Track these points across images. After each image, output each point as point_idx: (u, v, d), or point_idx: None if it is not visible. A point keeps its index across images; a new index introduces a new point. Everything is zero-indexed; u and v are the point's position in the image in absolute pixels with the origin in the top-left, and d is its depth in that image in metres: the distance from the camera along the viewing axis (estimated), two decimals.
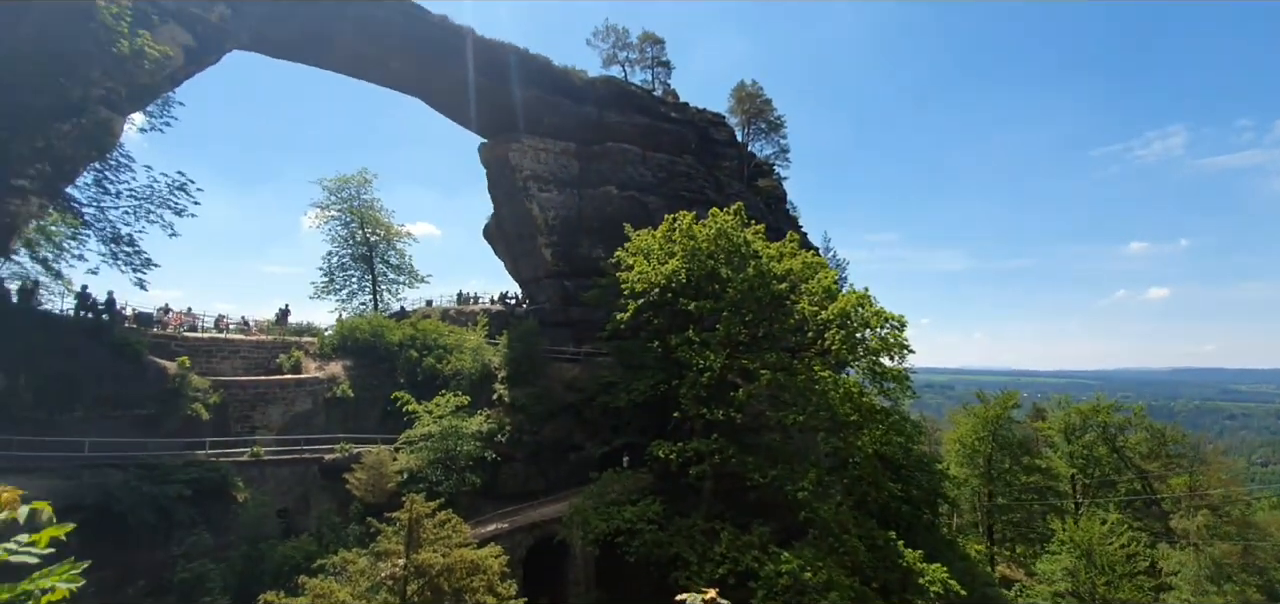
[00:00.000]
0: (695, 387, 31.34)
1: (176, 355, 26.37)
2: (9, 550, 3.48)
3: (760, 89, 67.91)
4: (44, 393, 21.71)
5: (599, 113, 48.75)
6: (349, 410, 30.28)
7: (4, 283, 25.32)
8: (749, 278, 33.22)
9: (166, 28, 29.90)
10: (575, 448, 34.05)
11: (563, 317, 42.90)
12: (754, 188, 58.82)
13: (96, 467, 21.25)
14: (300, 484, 26.41)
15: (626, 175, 47.67)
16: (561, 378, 36.37)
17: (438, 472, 27.37)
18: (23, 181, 24.26)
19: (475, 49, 43.25)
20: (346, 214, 44.69)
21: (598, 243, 44.35)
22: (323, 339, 32.99)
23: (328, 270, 44.69)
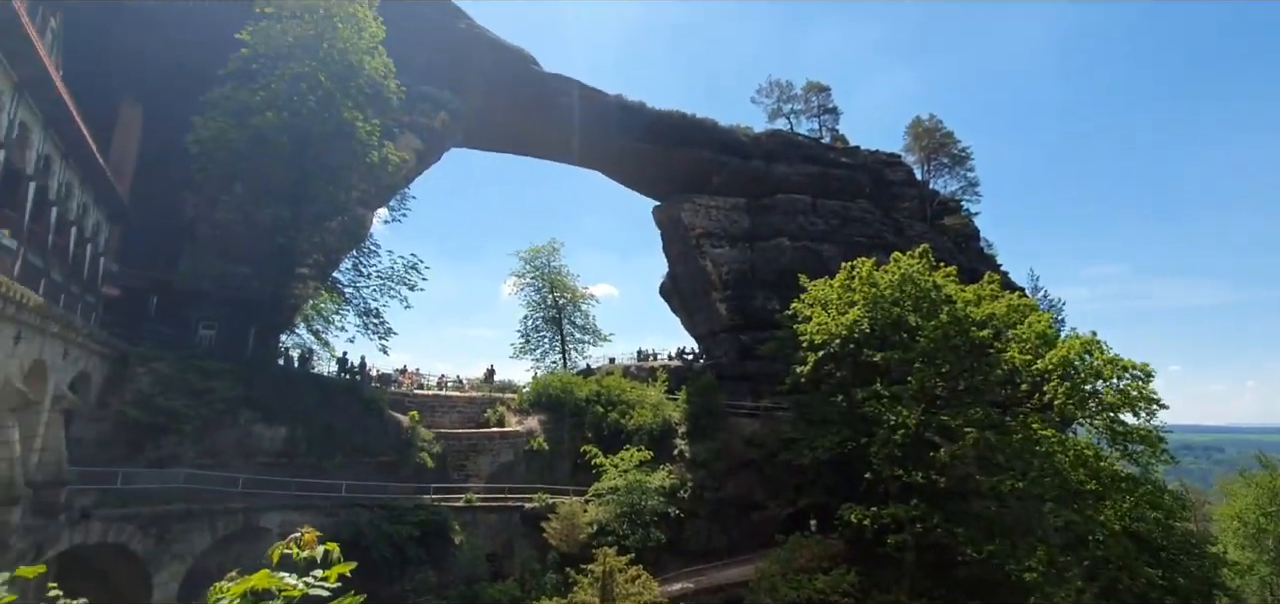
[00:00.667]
0: (887, 445, 29.02)
1: (408, 410, 30.61)
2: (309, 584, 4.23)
3: (939, 122, 63.45)
4: (314, 441, 26.30)
5: (766, 166, 48.90)
6: (544, 462, 32.55)
7: (288, 351, 31.49)
8: (942, 325, 30.44)
9: (403, 137, 35.84)
10: (757, 506, 33.05)
11: (740, 370, 42.57)
12: (939, 227, 54.37)
13: (350, 506, 25.05)
14: (505, 530, 28.72)
15: (798, 226, 46.88)
16: (741, 433, 35.84)
17: (625, 525, 28.12)
18: (304, 269, 30.28)
19: (647, 120, 46.11)
20: (539, 280, 49.32)
21: (772, 295, 43.77)
22: (521, 395, 36.18)
23: (524, 332, 49.48)
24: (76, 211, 20.65)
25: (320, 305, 33.14)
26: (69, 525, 17.80)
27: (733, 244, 46.37)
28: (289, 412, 26.18)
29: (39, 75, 14.58)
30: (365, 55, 28.78)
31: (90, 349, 20.92)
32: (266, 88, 26.38)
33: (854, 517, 27.95)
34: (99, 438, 21.41)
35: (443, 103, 38.99)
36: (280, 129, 26.28)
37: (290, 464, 25.51)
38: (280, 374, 28.52)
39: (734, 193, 47.72)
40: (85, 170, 20.77)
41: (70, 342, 19.03)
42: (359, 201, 32.02)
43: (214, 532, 21.03)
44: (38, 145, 16.74)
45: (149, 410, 21.78)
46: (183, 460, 22.02)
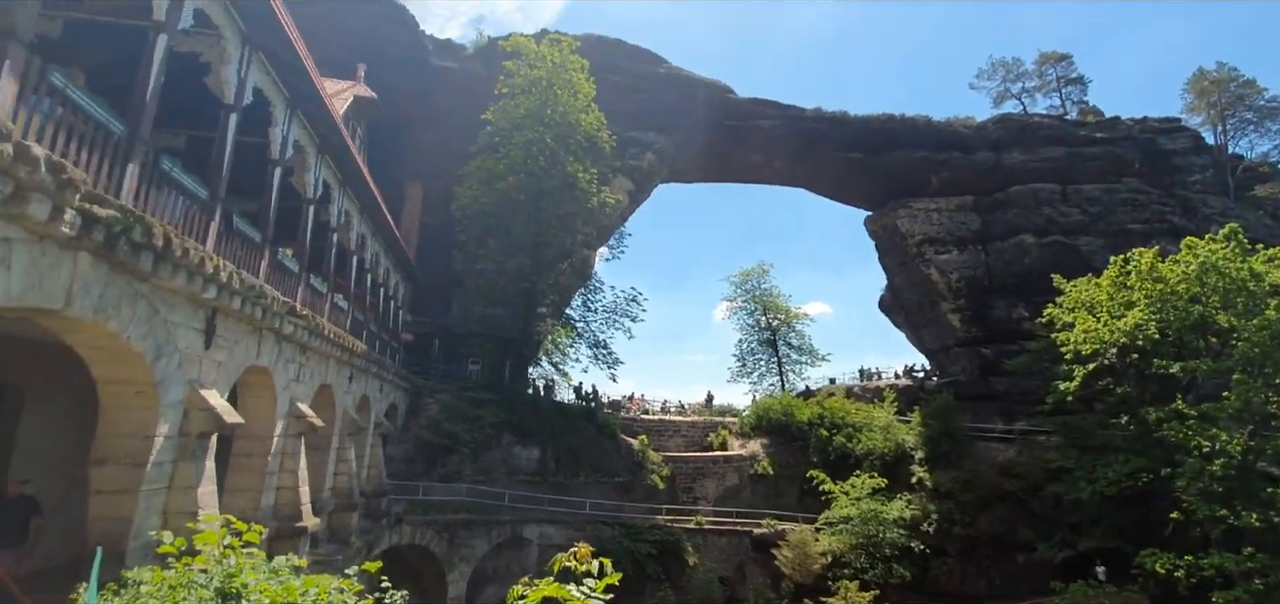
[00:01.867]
0: (1200, 477, 23.38)
1: (637, 434, 32.49)
2: (585, 594, 4.61)
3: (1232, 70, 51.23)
4: (561, 461, 29.14)
5: (996, 157, 43.48)
6: (769, 486, 32.06)
7: (535, 381, 35.48)
8: (1270, 323, 23.84)
9: (616, 180, 38.74)
10: (1022, 548, 28.72)
11: (983, 389, 37.89)
12: (1248, 200, 43.42)
13: (594, 522, 27.13)
14: (735, 554, 28.76)
15: (1043, 219, 40.72)
16: (991, 460, 31.68)
17: (862, 558, 26.40)
18: (543, 308, 34.06)
19: (850, 129, 44.02)
20: (750, 303, 49.39)
21: (1016, 301, 38.52)
22: (742, 419, 36.27)
23: (739, 355, 49.75)
24: (383, 275, 25.67)
25: (557, 339, 36.96)
26: (389, 528, 21.83)
27: (961, 248, 41.75)
28: (539, 434, 29.35)
29: (355, 174, 18.47)
30: (581, 114, 31.93)
31: (397, 384, 25.73)
32: (506, 156, 30.59)
33: (1159, 566, 22.84)
34: (404, 456, 26.12)
35: (649, 144, 41.45)
36: (519, 189, 30.23)
37: (543, 481, 28.49)
38: (530, 401, 32.21)
39: (958, 192, 43.11)
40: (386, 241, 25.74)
41: (384, 379, 23.60)
42: (583, 244, 35.26)
43: (489, 539, 24.31)
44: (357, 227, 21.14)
45: (438, 433, 26.14)
46: (463, 476, 25.89)
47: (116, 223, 6.97)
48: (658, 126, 41.97)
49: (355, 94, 26.23)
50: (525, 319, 33.19)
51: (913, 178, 43.61)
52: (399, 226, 29.53)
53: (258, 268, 11.65)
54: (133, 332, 8.01)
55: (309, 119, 14.32)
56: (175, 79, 8.95)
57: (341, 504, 18.60)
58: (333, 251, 18.18)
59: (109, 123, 7.38)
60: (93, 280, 7.13)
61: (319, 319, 15.11)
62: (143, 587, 6.57)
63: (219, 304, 9.85)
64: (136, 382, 8.41)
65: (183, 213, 9.17)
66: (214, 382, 10.12)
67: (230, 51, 10.15)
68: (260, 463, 12.39)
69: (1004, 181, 42.53)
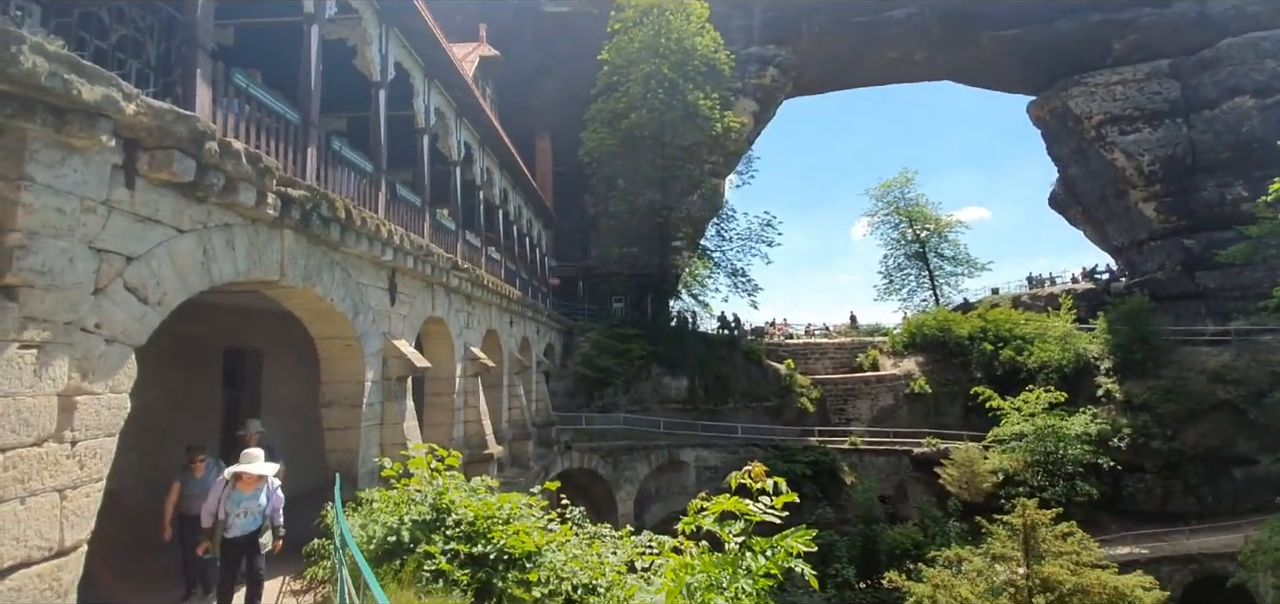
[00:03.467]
0: None
1: (782, 359, 32.13)
2: (762, 510, 4.61)
3: None
4: (709, 389, 29.77)
5: (1199, 6, 35.82)
6: (928, 405, 30.43)
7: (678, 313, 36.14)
8: None
9: (739, 103, 37.25)
10: (1241, 461, 24.94)
11: (1188, 286, 32.64)
12: None
13: (746, 445, 27.57)
14: (895, 474, 27.92)
15: (1266, 75, 33.39)
16: (1201, 366, 27.43)
17: (1039, 476, 24.39)
18: (678, 242, 34.26)
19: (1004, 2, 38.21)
20: (895, 216, 45.97)
21: (1232, 179, 32.42)
22: (893, 338, 34.42)
23: (886, 272, 46.81)
24: (526, 225, 27.11)
25: (695, 271, 37.16)
26: (560, 454, 23.78)
27: (1154, 124, 35.38)
28: (686, 364, 30.04)
29: (490, 132, 19.36)
30: (696, 37, 30.83)
31: (551, 326, 27.49)
32: (625, 93, 30.50)
33: None
34: (565, 390, 28.08)
35: (769, 58, 39.17)
36: (641, 126, 30.15)
37: (693, 408, 29.32)
38: (675, 333, 32.94)
39: (1147, 57, 36.26)
40: (526, 193, 27.01)
41: (540, 322, 25.25)
42: (712, 173, 34.64)
43: (649, 462, 25.78)
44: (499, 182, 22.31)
45: (592, 368, 27.82)
46: (619, 407, 27.43)
47: (308, 201, 7.95)
48: (777, 38, 39.43)
49: (480, 55, 27.39)
50: (661, 254, 33.59)
51: (1087, 47, 37.23)
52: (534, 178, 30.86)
53: (422, 229, 12.77)
54: (335, 294, 9.20)
55: (445, 86, 15.18)
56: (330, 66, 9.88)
57: (518, 434, 20.41)
58: (480, 208, 19.43)
59: (286, 113, 8.36)
60: (297, 252, 8.22)
61: (478, 271, 16.37)
62: (375, 504, 7.81)
63: (397, 265, 10.97)
64: (344, 336, 9.70)
65: (355, 187, 10.24)
66: (402, 332, 11.40)
67: (371, 31, 10.93)
68: (448, 400, 13.90)
69: (1212, 36, 35.11)
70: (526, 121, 35.96)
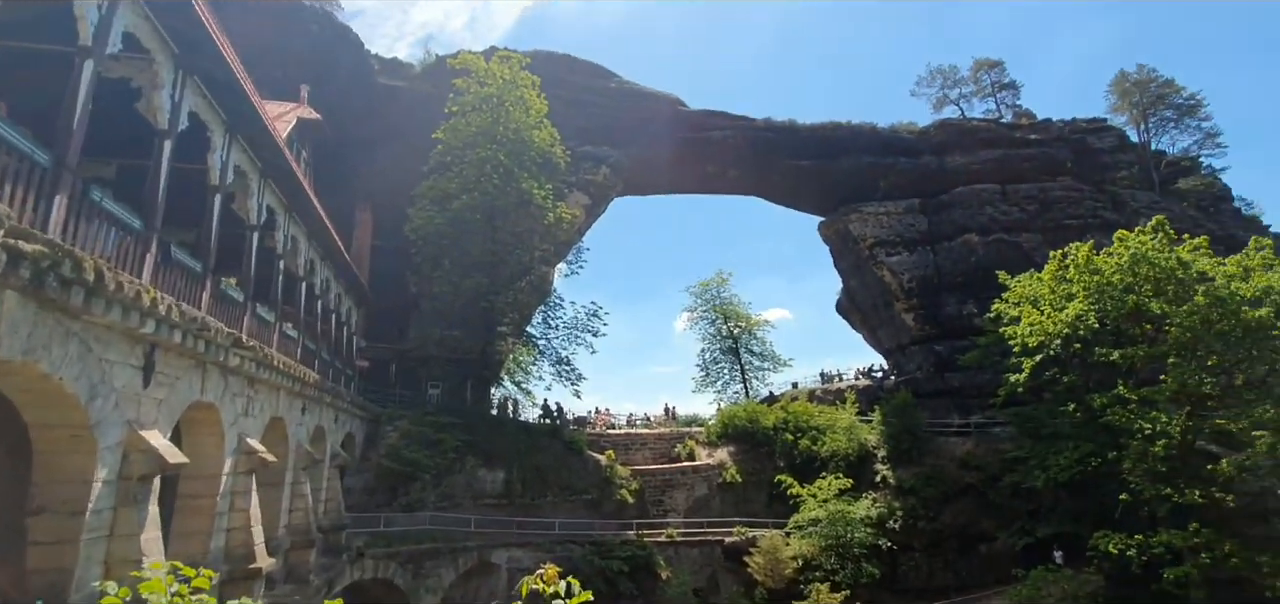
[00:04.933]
0: (1146, 459, 24.50)
1: (604, 449, 32.15)
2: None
3: (1151, 71, 54.51)
4: (527, 482, 28.60)
5: (939, 160, 45.26)
6: (738, 494, 32.16)
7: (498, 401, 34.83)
8: (1199, 308, 25.21)
9: (572, 195, 38.59)
10: (984, 538, 29.56)
11: (939, 385, 39.02)
12: (1173, 193, 46.23)
13: (563, 542, 26.64)
14: (708, 565, 28.68)
15: (986, 218, 42.46)
16: (951, 454, 32.56)
17: (832, 559, 26.70)
18: (503, 327, 33.52)
19: (800, 137, 45.09)
20: (711, 312, 49.69)
21: (966, 298, 39.89)
22: (708, 428, 36.33)
23: (703, 365, 49.92)
24: (334, 301, 24.78)
25: (519, 358, 36.40)
26: (349, 563, 20.91)
27: (911, 249, 43.11)
28: (505, 456, 28.75)
29: (300, 198, 17.84)
30: (533, 130, 31.71)
31: (353, 413, 24.80)
32: (458, 175, 30.13)
33: (1112, 546, 23.76)
34: (364, 487, 25.14)
35: (603, 158, 41.49)
36: (473, 208, 29.79)
37: (509, 503, 27.89)
38: (494, 422, 31.53)
39: (905, 195, 44.63)
40: (337, 266, 24.89)
41: (339, 409, 22.70)
42: (542, 260, 34.91)
43: (456, 567, 23.55)
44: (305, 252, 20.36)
45: (398, 461, 25.27)
46: (427, 504, 25.07)
47: (44, 258, 6.50)
48: (611, 140, 42.09)
49: (299, 116, 25.38)
50: (485, 339, 32.61)
51: (861, 183, 44.90)
52: (349, 251, 28.63)
53: (199, 299, 11.04)
54: (65, 372, 7.47)
55: (250, 142, 13.80)
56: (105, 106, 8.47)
57: (299, 541, 17.78)
58: (279, 279, 17.47)
59: (34, 153, 6.93)
60: (20, 320, 6.63)
61: (267, 349, 14.44)
62: None
63: (158, 339, 9.27)
64: (71, 424, 7.84)
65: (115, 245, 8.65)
66: (154, 421, 9.50)
67: (163, 76, 9.67)
68: (209, 504, 11.68)
69: (948, 183, 44.21)
70: (348, 191, 33.65)
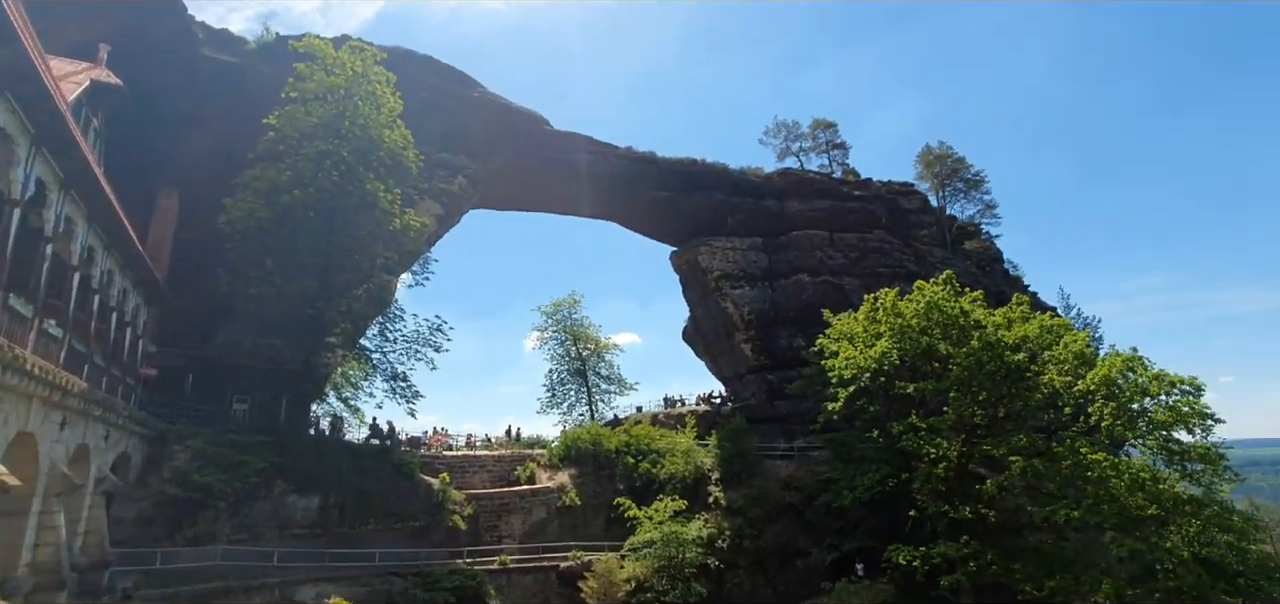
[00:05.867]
0: (930, 480, 28.05)
1: (438, 472, 30.46)
2: None
3: (949, 148, 63.55)
4: (347, 509, 26.24)
5: (780, 205, 49.22)
6: (577, 517, 31.99)
7: (319, 420, 31.78)
8: (974, 351, 29.58)
9: (423, 203, 36.74)
10: (800, 554, 31.93)
11: (769, 412, 41.87)
12: (960, 253, 53.85)
13: (384, 575, 24.73)
14: (541, 591, 28.09)
15: (817, 261, 46.74)
16: (776, 477, 34.96)
17: (664, 580, 27.32)
18: (333, 338, 30.77)
19: (660, 170, 46.85)
20: (561, 334, 49.54)
21: (797, 332, 43.34)
22: (551, 450, 35.88)
23: (550, 386, 49.50)
24: (117, 297, 21.26)
25: (349, 372, 33.60)
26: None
27: (752, 284, 46.23)
28: (322, 480, 26.23)
29: (83, 172, 15.23)
30: (384, 129, 29.79)
31: (130, 430, 21.26)
32: (293, 167, 27.36)
33: (902, 558, 26.84)
34: (139, 517, 21.55)
35: (459, 167, 40.09)
36: (307, 205, 27.17)
37: (324, 534, 25.42)
38: (312, 443, 28.69)
39: (750, 233, 47.90)
40: (125, 257, 21.45)
41: (112, 424, 19.36)
42: (383, 268, 32.70)
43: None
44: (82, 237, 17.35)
45: (186, 487, 21.96)
46: (219, 536, 22.03)
47: None
48: (469, 151, 40.81)
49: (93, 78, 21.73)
50: (309, 350, 29.73)
51: (712, 218, 47.56)
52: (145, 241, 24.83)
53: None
54: None
55: (21, 100, 11.58)
56: None
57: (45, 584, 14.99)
58: (46, 266, 14.72)
59: None
60: None
61: (19, 351, 12.05)
62: None
63: None
64: None
65: None
66: None
67: None
68: None
69: (786, 226, 48.16)
70: (155, 174, 29.33)
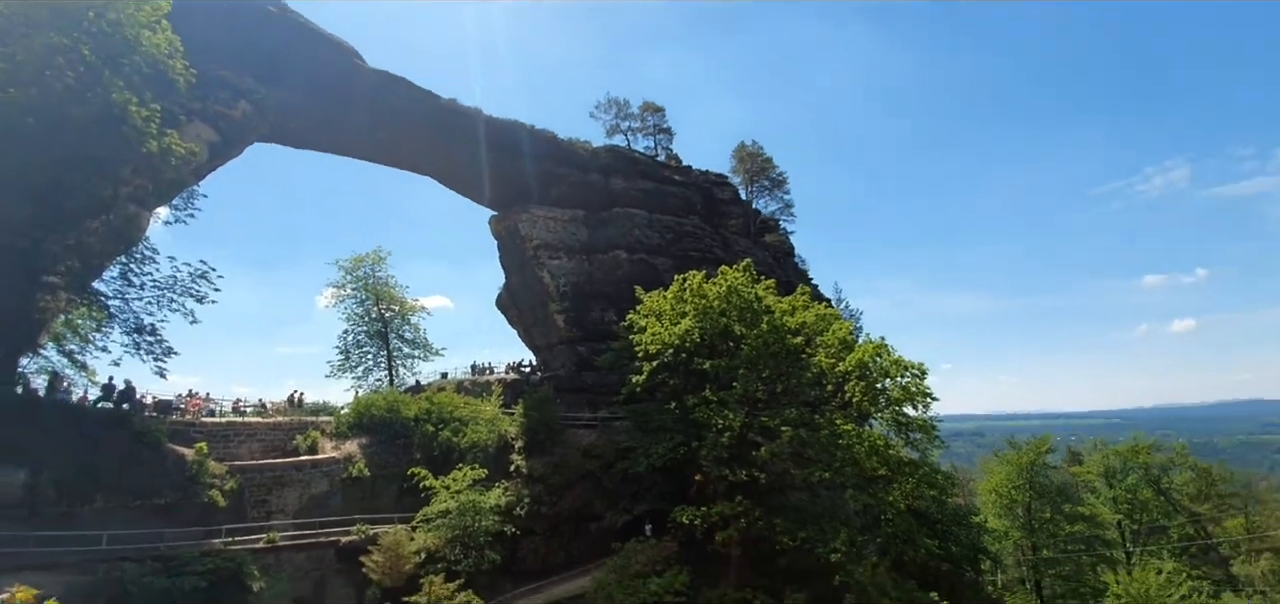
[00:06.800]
0: (715, 447, 30.67)
1: (195, 441, 26.41)
2: None
3: (761, 148, 69.19)
4: (65, 487, 21.70)
5: (605, 180, 49.91)
6: (366, 490, 29.89)
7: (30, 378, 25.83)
8: (763, 334, 32.90)
9: (192, 126, 31.35)
10: (595, 518, 33.18)
11: (578, 382, 42.68)
12: (761, 244, 59.18)
13: (113, 560, 21.01)
14: (317, 569, 25.86)
15: (634, 239, 48.30)
16: (579, 445, 35.83)
17: (457, 550, 26.70)
18: (53, 278, 25.04)
19: (486, 128, 44.86)
20: (361, 292, 45.40)
21: (609, 307, 44.53)
22: (339, 418, 32.92)
23: (343, 348, 45.17)
24: None
25: (76, 321, 27.63)
26: None
27: (570, 256, 46.52)
28: (32, 450, 21.51)
29: None
30: (144, 29, 24.63)
31: None
32: (8, 58, 21.61)
33: (685, 518, 29.13)
34: None
35: (245, 91, 34.85)
36: (25, 109, 21.69)
37: (33, 514, 20.97)
38: (19, 405, 23.29)
39: (573, 205, 47.99)
40: None
41: None
42: (132, 198, 27.35)
43: None
44: None
45: None
46: None
47: None
48: (259, 74, 35.65)
49: None
50: (22, 291, 23.96)
51: (536, 185, 46.82)
52: None
53: None
54: None
55: None
56: None
57: None
58: None
59: None
60: None
61: None
62: None
63: None
64: None
65: None
66: None
67: None
68: None
69: (609, 203, 49.03)
70: None
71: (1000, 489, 50.17)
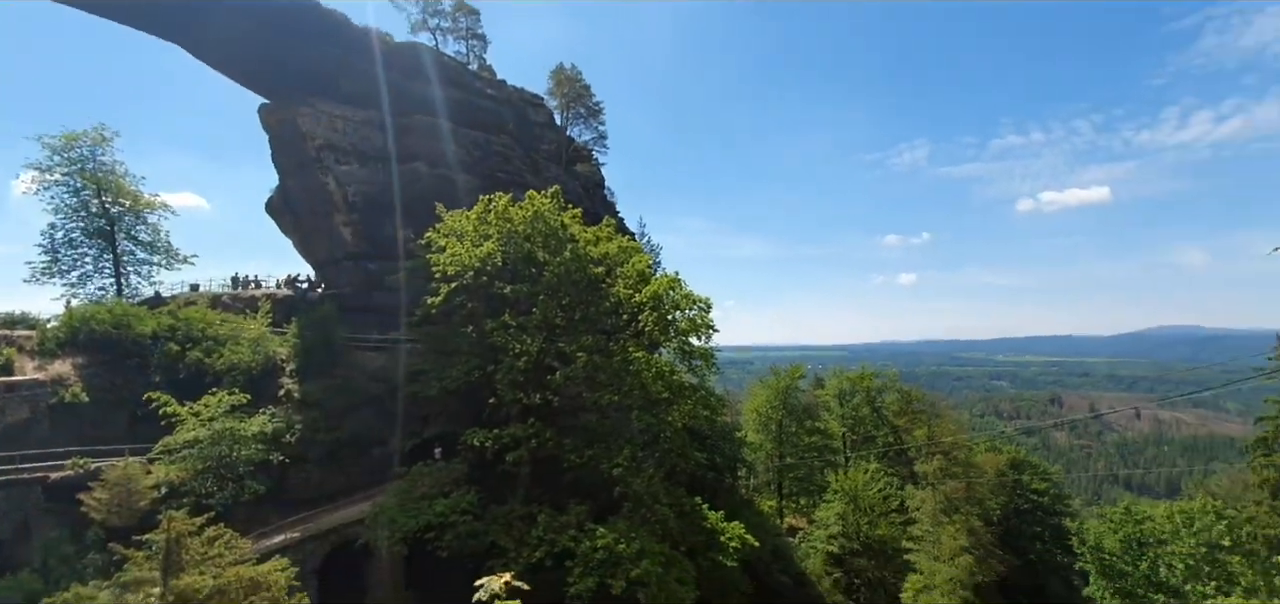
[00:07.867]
0: (511, 372, 30.85)
1: None
2: None
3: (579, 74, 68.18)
4: None
5: (406, 82, 45.39)
6: (85, 417, 24.89)
7: None
8: (566, 261, 33.35)
9: None
10: (380, 443, 31.71)
11: (366, 302, 39.55)
12: (572, 172, 59.25)
13: None
14: (18, 510, 21.23)
15: (437, 152, 45.12)
16: (364, 368, 33.57)
17: (209, 483, 23.75)
18: None
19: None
20: (77, 179, 36.19)
21: (406, 222, 41.51)
22: (45, 332, 26.59)
23: (50, 247, 35.88)
24: None
25: None
26: None
27: (363, 163, 42.10)
28: None
29: None
30: None
31: None
32: None
33: (476, 440, 29.17)
34: None
35: None
36: None
37: None
38: None
39: (367, 105, 43.05)
40: None
41: None
42: None
43: None
44: None
45: None
46: None
47: None
48: None
49: None
50: None
51: (322, 75, 40.97)
52: None
53: None
54: None
55: None
56: None
57: None
58: None
59: None
60: None
61: None
62: None
63: None
64: None
65: None
66: None
67: None
68: None
69: (411, 108, 44.82)
70: None
71: (760, 410, 58.05)
